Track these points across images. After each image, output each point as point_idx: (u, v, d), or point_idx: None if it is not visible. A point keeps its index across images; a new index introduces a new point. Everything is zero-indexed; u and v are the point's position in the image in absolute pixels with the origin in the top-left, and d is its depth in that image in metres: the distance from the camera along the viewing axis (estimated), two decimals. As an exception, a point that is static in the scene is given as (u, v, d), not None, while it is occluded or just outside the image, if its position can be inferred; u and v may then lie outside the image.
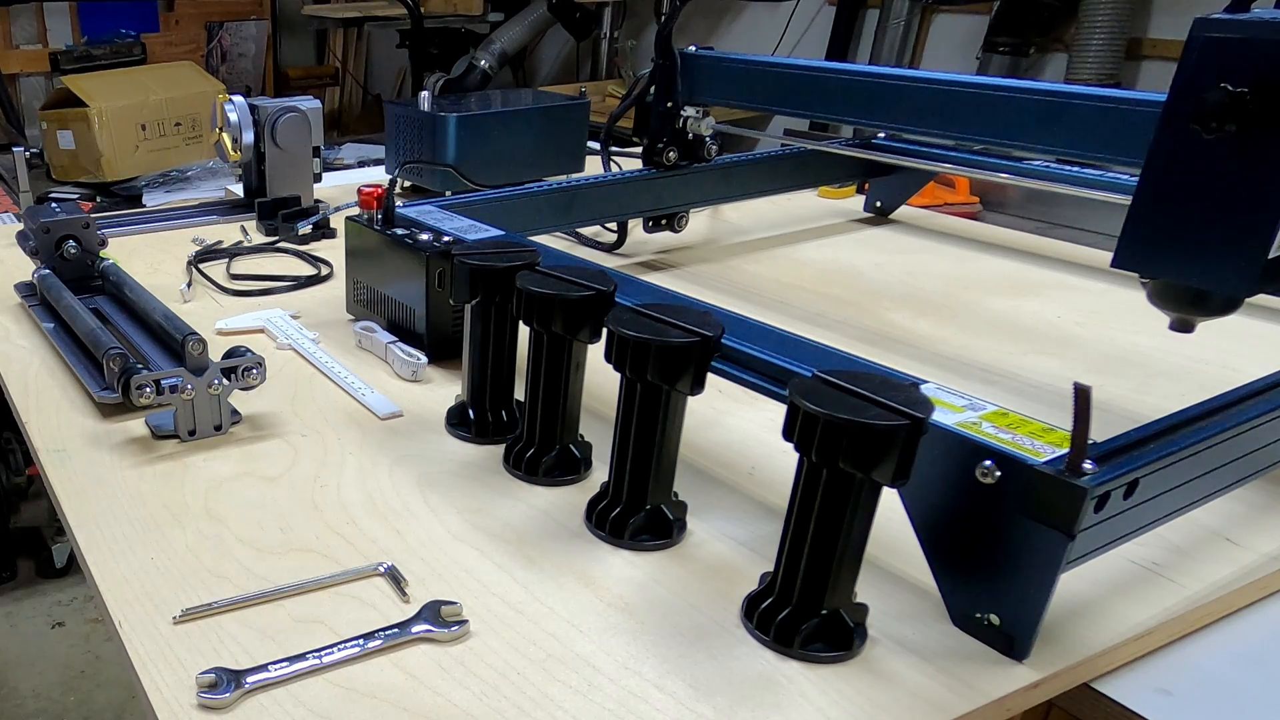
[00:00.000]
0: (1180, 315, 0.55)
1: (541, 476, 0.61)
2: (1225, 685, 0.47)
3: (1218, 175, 0.49)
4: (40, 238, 0.83)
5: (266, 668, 0.45)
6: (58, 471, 0.62)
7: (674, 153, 0.99)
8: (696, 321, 0.51)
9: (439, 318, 0.76)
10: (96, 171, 2.10)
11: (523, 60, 3.55)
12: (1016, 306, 0.92)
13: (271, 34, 3.73)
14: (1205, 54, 0.49)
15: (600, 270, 0.59)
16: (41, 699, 1.85)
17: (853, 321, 0.88)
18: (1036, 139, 0.71)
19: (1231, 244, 0.49)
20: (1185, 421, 0.48)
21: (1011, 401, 0.72)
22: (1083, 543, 0.42)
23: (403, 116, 1.21)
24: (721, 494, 0.61)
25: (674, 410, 0.53)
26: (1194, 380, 0.77)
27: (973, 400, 0.48)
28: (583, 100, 1.26)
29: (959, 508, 0.46)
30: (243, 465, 0.63)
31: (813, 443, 0.42)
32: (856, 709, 0.43)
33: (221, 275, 0.97)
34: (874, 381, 0.44)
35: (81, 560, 0.55)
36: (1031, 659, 0.46)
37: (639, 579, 0.52)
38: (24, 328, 0.86)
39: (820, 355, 0.54)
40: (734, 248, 1.10)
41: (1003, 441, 0.44)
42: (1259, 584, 0.52)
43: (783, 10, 2.78)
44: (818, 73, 0.86)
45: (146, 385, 0.63)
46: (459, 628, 0.48)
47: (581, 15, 3.08)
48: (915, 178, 1.16)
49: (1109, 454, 0.44)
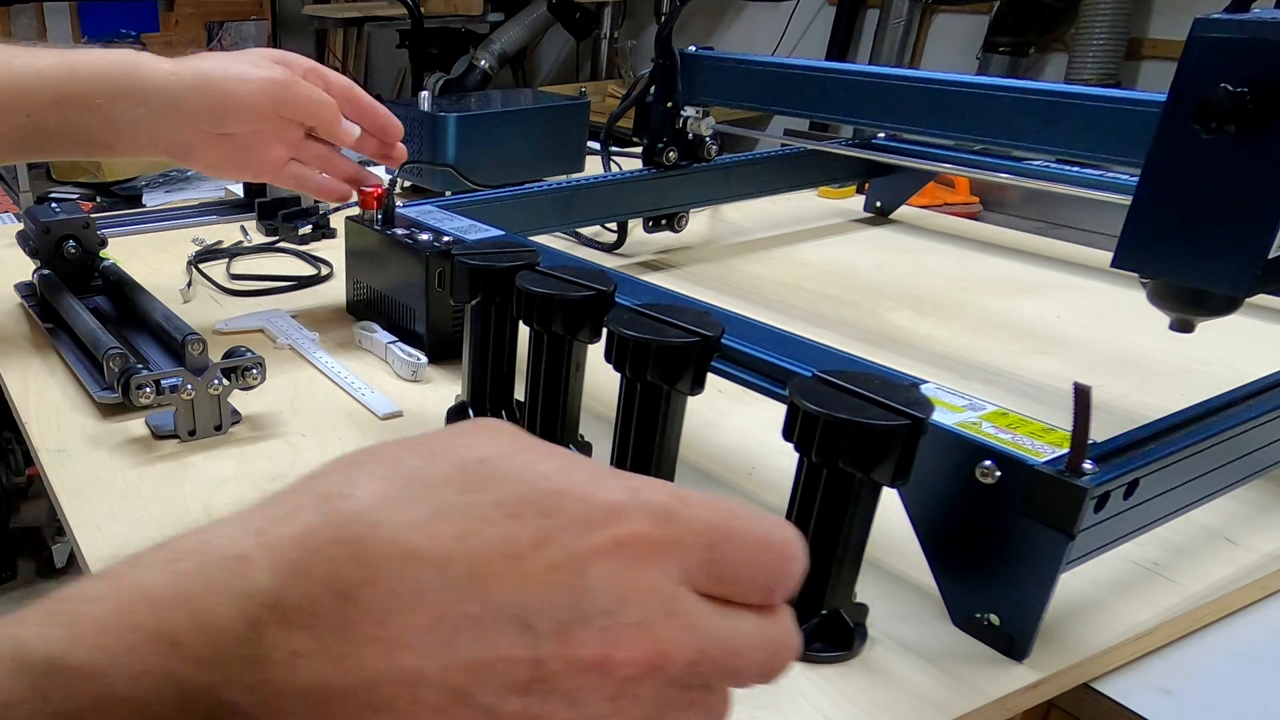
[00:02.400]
0: (1180, 315, 0.55)
1: (541, 476, 0.61)
2: (1225, 685, 0.47)
3: (1218, 175, 0.49)
4: (40, 238, 0.83)
5: (266, 668, 0.45)
6: (58, 471, 0.62)
7: (674, 153, 0.99)
8: (696, 321, 0.51)
9: (439, 318, 0.76)
10: (96, 171, 2.10)
11: (523, 60, 3.55)
12: (1016, 306, 0.92)
13: (271, 34, 3.73)
14: (1205, 54, 0.49)
15: (600, 270, 0.59)
16: (41, 699, 1.85)
17: (853, 322, 0.88)
18: (1037, 139, 0.70)
19: (1231, 244, 0.49)
20: (1185, 421, 0.48)
21: (1012, 401, 0.72)
22: (1083, 543, 0.42)
23: (403, 116, 1.20)
24: (721, 494, 0.61)
25: (674, 410, 0.53)
26: (1195, 380, 0.77)
27: (973, 400, 0.48)
28: (583, 100, 1.26)
29: (959, 508, 0.46)
30: (243, 465, 0.63)
31: (813, 443, 0.42)
32: (856, 709, 0.43)
33: (221, 275, 0.97)
34: (874, 381, 0.44)
35: (81, 560, 0.54)
36: (1031, 659, 0.46)
37: (639, 579, 0.52)
38: (24, 328, 0.86)
39: (820, 355, 0.54)
40: (734, 248, 1.10)
41: (1003, 441, 0.44)
42: (1259, 584, 0.52)
43: (783, 10, 2.78)
44: (818, 73, 0.86)
45: (146, 385, 0.63)
46: (459, 628, 0.47)
47: (581, 15, 3.08)
48: (915, 178, 1.16)
49: (1109, 454, 0.44)
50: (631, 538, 0.24)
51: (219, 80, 0.69)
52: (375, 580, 0.23)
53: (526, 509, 0.24)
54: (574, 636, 0.23)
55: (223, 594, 0.23)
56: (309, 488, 0.25)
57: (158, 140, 0.70)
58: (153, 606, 0.23)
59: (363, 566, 0.23)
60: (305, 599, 0.23)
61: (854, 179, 1.21)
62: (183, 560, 0.24)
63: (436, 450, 0.26)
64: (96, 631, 0.23)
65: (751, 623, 0.25)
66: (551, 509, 0.24)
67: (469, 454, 0.25)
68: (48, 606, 0.24)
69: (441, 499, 0.24)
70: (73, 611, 0.23)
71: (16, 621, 0.23)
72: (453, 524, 0.23)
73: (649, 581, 0.24)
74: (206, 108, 0.69)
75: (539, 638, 0.23)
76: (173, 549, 0.24)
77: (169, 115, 0.69)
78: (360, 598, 0.23)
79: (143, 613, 0.23)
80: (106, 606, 0.23)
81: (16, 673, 0.22)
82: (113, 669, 0.22)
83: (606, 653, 0.23)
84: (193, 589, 0.23)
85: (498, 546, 0.23)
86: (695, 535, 0.25)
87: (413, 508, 0.24)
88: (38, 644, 0.22)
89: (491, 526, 0.23)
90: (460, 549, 0.23)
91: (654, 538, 0.24)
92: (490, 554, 0.23)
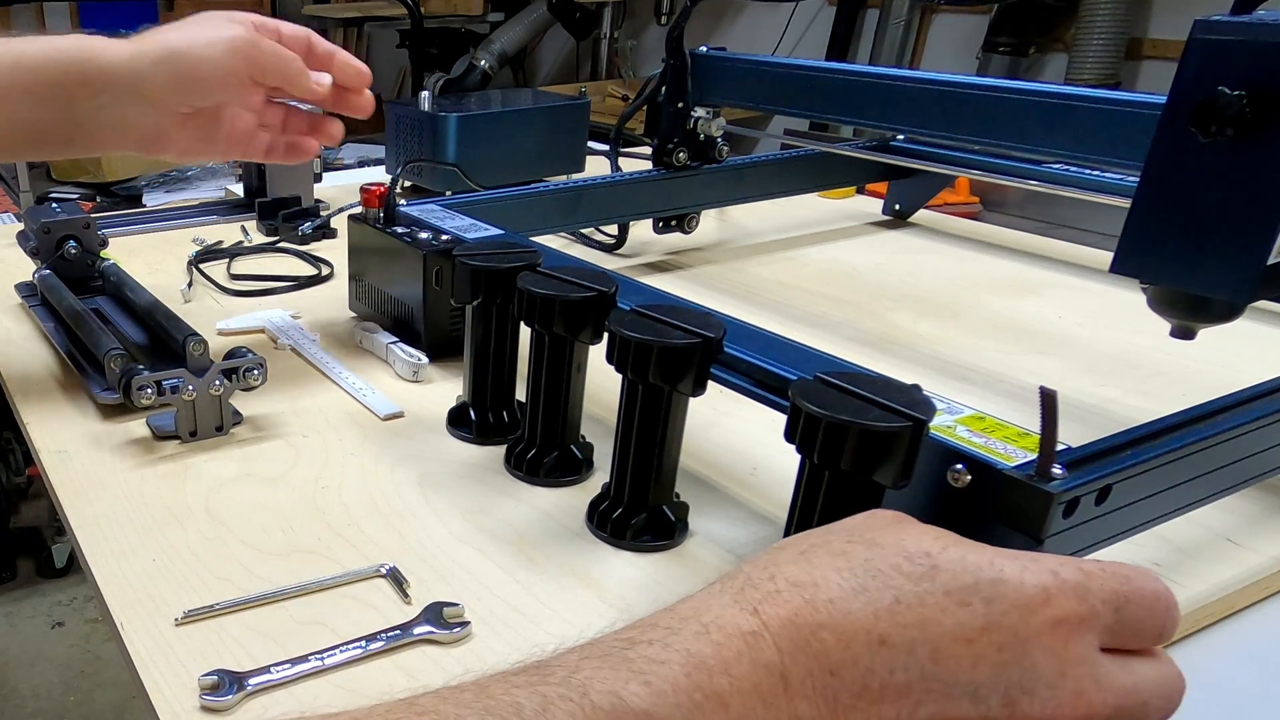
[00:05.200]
0: (1181, 322, 0.55)
1: (543, 477, 0.61)
2: (1226, 685, 0.47)
3: (1216, 179, 0.49)
4: (40, 238, 0.83)
5: (269, 669, 0.45)
6: (58, 472, 0.62)
7: (684, 154, 0.99)
8: (698, 323, 0.51)
9: (438, 317, 0.76)
10: (96, 171, 2.09)
11: (523, 60, 3.55)
12: (1017, 307, 0.92)
13: (271, 34, 3.73)
14: (1204, 56, 0.48)
15: (601, 272, 0.59)
16: (41, 699, 1.86)
17: (853, 323, 0.88)
18: (1043, 140, 0.70)
19: (1230, 249, 0.49)
20: (1166, 429, 0.47)
21: (1010, 402, 0.72)
22: (1051, 549, 0.42)
23: (403, 116, 1.20)
24: (723, 495, 0.61)
25: (675, 411, 0.53)
26: (1195, 382, 0.77)
27: (950, 404, 0.48)
28: (583, 100, 1.26)
29: (933, 511, 0.45)
30: (244, 466, 0.63)
31: (815, 444, 0.43)
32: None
33: (222, 275, 0.97)
34: (875, 383, 0.44)
35: (83, 561, 0.55)
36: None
37: (640, 580, 0.52)
38: (24, 328, 0.86)
39: (816, 361, 0.54)
40: (740, 250, 1.09)
41: (975, 445, 0.44)
42: (1261, 584, 0.53)
43: (783, 10, 2.78)
44: (834, 74, 0.85)
45: (148, 386, 0.63)
46: (461, 629, 0.48)
47: (581, 15, 3.07)
48: (935, 181, 1.15)
49: (1083, 459, 0.43)
50: (1064, 618, 0.29)
51: (184, 50, 0.62)
52: (856, 661, 0.28)
53: (973, 597, 0.29)
54: (1019, 706, 0.28)
55: (750, 665, 0.28)
56: (775, 573, 0.31)
57: (125, 131, 0.64)
58: (707, 672, 0.28)
59: (846, 650, 0.28)
60: (805, 673, 0.28)
61: (870, 181, 1.21)
62: (712, 633, 0.29)
63: (876, 543, 0.31)
64: (673, 690, 0.27)
65: (1149, 670, 0.30)
66: (994, 597, 0.29)
67: (911, 546, 0.30)
68: (620, 663, 0.28)
69: (900, 589, 0.29)
70: (649, 672, 0.28)
71: (596, 678, 0.28)
72: (914, 612, 0.29)
73: (1079, 654, 0.29)
74: (174, 84, 0.62)
75: (990, 708, 0.28)
76: (682, 617, 0.30)
77: (135, 101, 0.62)
78: (844, 675, 0.28)
79: (700, 676, 0.28)
80: (675, 670, 0.28)
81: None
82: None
83: (1051, 715, 0.28)
84: (728, 658, 0.28)
85: (954, 632, 0.28)
86: (1105, 604, 0.29)
87: (878, 597, 0.29)
88: (632, 700, 0.27)
89: (946, 615, 0.28)
90: (922, 635, 0.28)
91: (1079, 614, 0.29)
92: (949, 640, 0.28)
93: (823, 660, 0.28)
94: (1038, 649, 0.28)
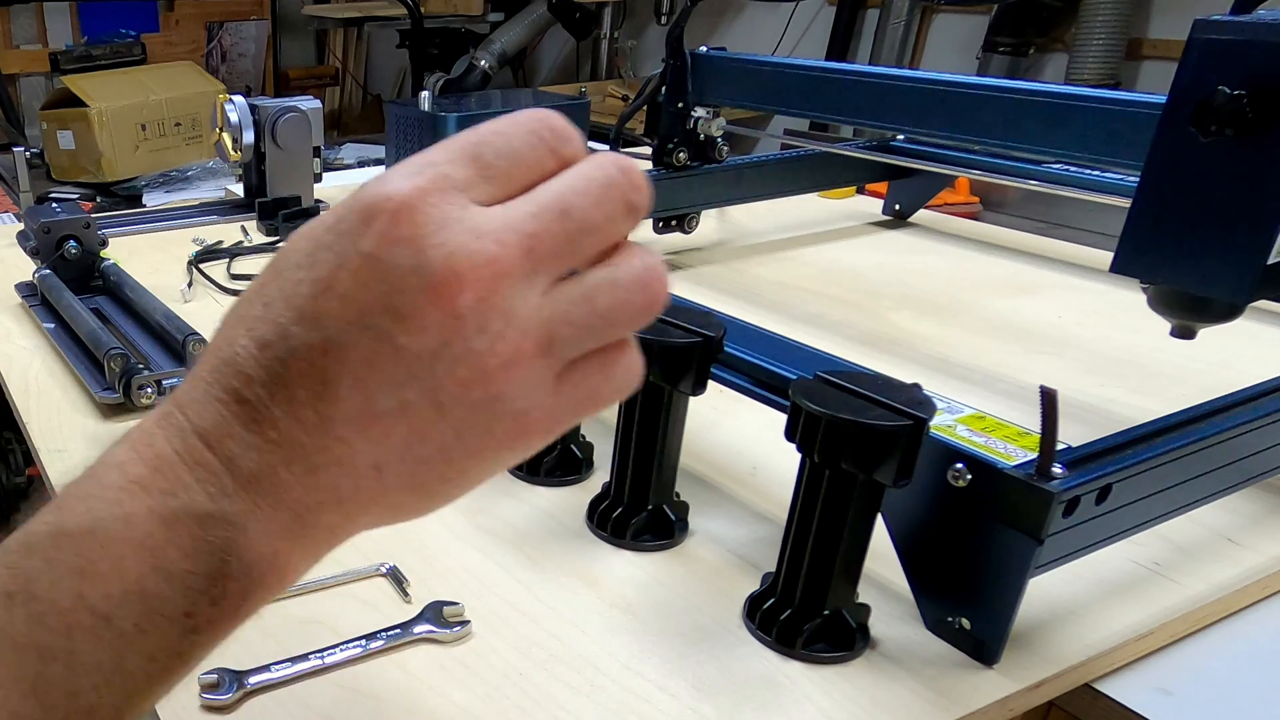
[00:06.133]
0: (1181, 322, 0.55)
1: (543, 477, 0.61)
2: (1226, 685, 0.47)
3: (1216, 180, 0.49)
4: (41, 238, 0.83)
5: (269, 668, 0.45)
6: (58, 471, 0.62)
7: (684, 153, 0.99)
8: (698, 322, 0.51)
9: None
10: (96, 171, 2.10)
11: (523, 60, 3.55)
12: (1017, 307, 0.92)
13: (271, 34, 3.73)
14: (1204, 56, 0.48)
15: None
16: (41, 699, 1.85)
17: (854, 322, 0.88)
18: (1043, 140, 0.70)
19: (1230, 249, 0.49)
20: (1166, 429, 0.47)
21: (1010, 402, 0.72)
22: (1052, 547, 0.42)
23: (403, 116, 1.20)
24: (723, 494, 0.61)
25: (676, 411, 0.53)
26: (1195, 382, 0.77)
27: (951, 403, 0.48)
28: (583, 100, 1.26)
29: (932, 511, 0.45)
30: (244, 465, 0.63)
31: (815, 443, 0.43)
32: (859, 709, 0.44)
33: (222, 275, 0.97)
34: (876, 382, 0.44)
35: (83, 560, 0.54)
36: (1032, 659, 0.46)
37: (641, 579, 0.52)
38: (24, 328, 0.86)
39: (816, 361, 0.54)
40: (740, 250, 1.10)
41: (975, 445, 0.44)
42: (1261, 584, 0.53)
43: (783, 10, 2.77)
44: (834, 74, 0.85)
45: (148, 385, 0.63)
46: (461, 628, 0.48)
47: (581, 15, 3.07)
48: (935, 181, 1.15)
49: (1083, 459, 0.43)
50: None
51: None
52: (233, 360, 0.28)
53: (300, 238, 0.28)
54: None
55: (153, 426, 0.31)
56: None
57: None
58: (110, 455, 0.31)
59: (226, 366, 0.28)
60: (201, 397, 0.29)
61: (867, 181, 1.21)
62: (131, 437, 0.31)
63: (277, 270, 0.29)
64: (74, 484, 0.31)
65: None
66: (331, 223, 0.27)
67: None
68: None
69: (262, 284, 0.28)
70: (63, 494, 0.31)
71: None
72: (268, 289, 0.28)
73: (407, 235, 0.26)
74: None
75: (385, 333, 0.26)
76: None
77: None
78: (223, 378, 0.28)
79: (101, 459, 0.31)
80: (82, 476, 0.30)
81: None
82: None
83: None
84: (135, 439, 0.31)
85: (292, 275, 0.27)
86: (455, 162, 0.27)
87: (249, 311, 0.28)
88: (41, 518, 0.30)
89: (287, 266, 0.27)
90: (271, 297, 0.28)
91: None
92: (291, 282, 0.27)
93: (214, 375, 0.28)
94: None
